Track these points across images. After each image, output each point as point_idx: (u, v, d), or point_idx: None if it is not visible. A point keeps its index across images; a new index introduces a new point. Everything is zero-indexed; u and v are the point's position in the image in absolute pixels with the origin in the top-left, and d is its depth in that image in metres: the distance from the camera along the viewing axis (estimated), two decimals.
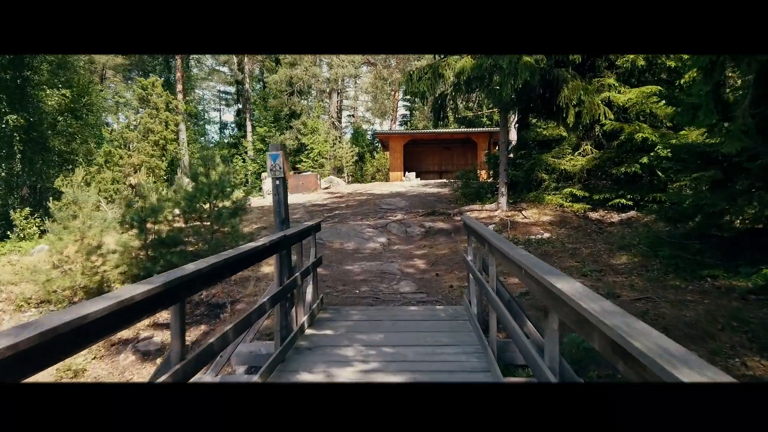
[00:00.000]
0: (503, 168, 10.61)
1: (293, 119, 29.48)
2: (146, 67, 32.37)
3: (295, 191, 18.38)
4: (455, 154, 26.03)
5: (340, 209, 13.03)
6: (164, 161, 18.05)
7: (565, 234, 8.92)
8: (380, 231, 10.37)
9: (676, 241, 7.19)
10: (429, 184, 18.02)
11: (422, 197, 13.76)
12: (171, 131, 19.24)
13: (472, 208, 10.89)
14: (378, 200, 13.84)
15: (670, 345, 1.20)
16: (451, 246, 9.06)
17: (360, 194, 15.87)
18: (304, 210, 13.26)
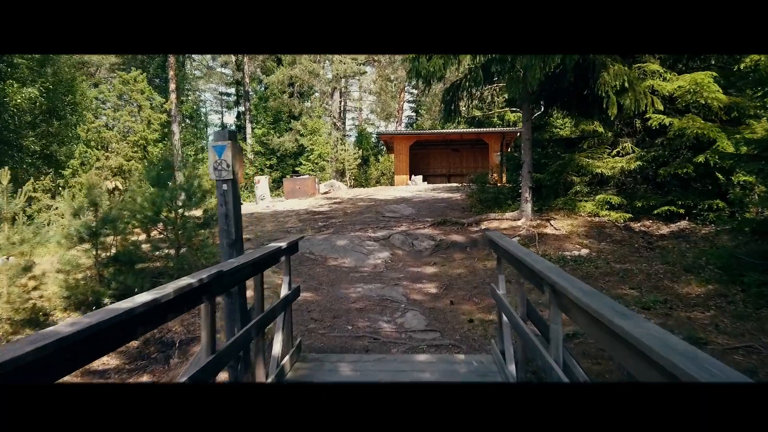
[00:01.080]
0: (527, 170, 9.02)
1: (293, 120, 28.04)
2: (143, 66, 31.12)
3: (291, 196, 16.88)
4: (464, 157, 24.45)
5: (338, 217, 11.49)
6: (145, 164, 16.65)
7: (607, 250, 7.31)
8: (382, 244, 8.81)
9: (760, 263, 5.57)
10: (438, 188, 16.45)
11: (431, 204, 12.18)
12: (154, 131, 17.75)
13: (490, 217, 9.30)
14: (381, 207, 12.28)
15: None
16: (468, 264, 7.47)
17: (361, 200, 14.33)
18: (297, 218, 11.73)
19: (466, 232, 8.98)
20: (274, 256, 3.88)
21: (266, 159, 28.74)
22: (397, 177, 21.91)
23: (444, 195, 13.84)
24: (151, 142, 17.06)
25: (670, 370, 1.15)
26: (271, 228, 10.83)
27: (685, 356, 1.17)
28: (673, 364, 1.14)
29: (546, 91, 9.69)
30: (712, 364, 1.14)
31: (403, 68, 32.08)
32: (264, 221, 11.80)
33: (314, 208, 13.39)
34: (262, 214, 13.00)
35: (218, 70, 40.31)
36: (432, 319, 5.57)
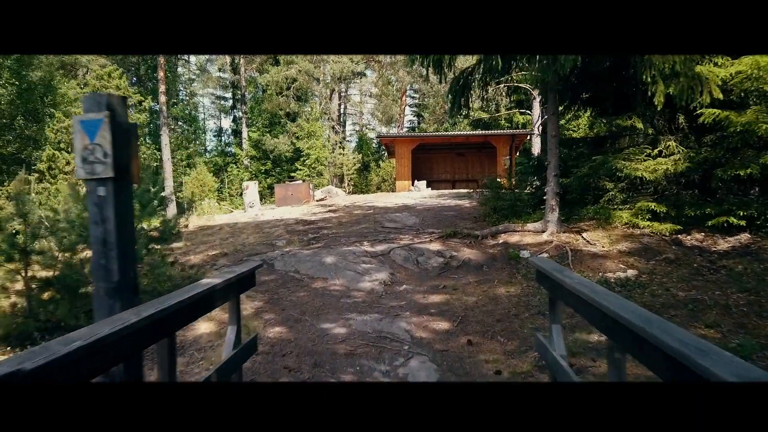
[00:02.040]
0: (552, 172, 7.60)
1: (289, 123, 26.72)
2: (136, 67, 29.93)
3: (282, 204, 15.50)
4: (470, 162, 23.07)
5: (331, 228, 10.08)
6: None
7: (661, 271, 5.87)
8: (381, 261, 7.38)
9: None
10: (443, 195, 15.04)
11: (437, 212, 10.77)
12: None
13: (508, 229, 7.87)
14: (380, 216, 10.87)
15: None
16: (486, 288, 6.04)
17: (359, 207, 12.92)
18: (285, 229, 10.31)
19: (481, 246, 7.55)
20: (205, 301, 2.46)
21: (260, 164, 27.42)
22: (398, 183, 20.52)
23: (451, 202, 12.42)
24: None
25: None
26: (253, 240, 9.41)
27: None
28: None
29: (578, 78, 8.29)
30: None
31: (404, 70, 30.84)
32: (246, 232, 10.40)
33: (306, 216, 11.98)
34: (247, 224, 11.60)
35: (215, 75, 39.16)
36: (445, 368, 4.13)
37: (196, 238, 10.38)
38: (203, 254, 8.61)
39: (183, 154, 26.82)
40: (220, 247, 9.13)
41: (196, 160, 26.91)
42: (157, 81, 23.07)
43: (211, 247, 9.17)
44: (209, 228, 11.67)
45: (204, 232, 11.21)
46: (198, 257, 8.48)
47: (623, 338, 1.78)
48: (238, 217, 13.65)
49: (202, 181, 22.76)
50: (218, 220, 13.28)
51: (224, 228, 11.29)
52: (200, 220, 13.32)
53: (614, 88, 8.00)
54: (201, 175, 22.75)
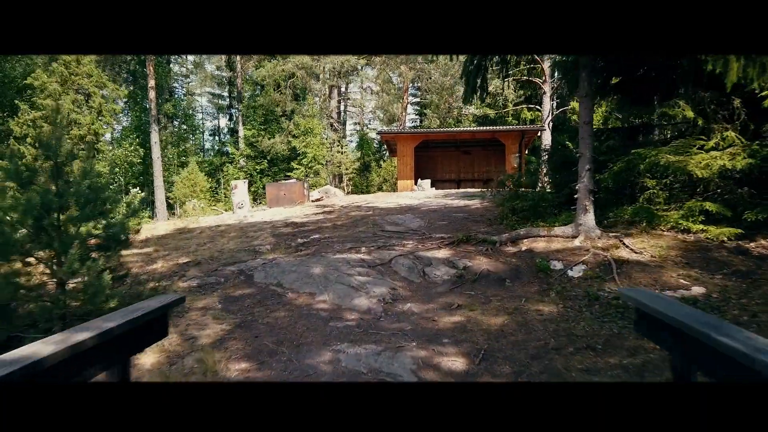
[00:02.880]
0: (585, 166, 6.36)
1: (285, 120, 25.49)
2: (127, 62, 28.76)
3: (275, 204, 14.28)
4: (476, 160, 21.82)
5: (324, 231, 8.85)
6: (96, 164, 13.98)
7: (734, 288, 4.62)
8: (380, 273, 6.15)
9: None
10: (449, 194, 13.79)
11: (444, 214, 9.52)
12: (103, 124, 14.92)
13: (531, 233, 6.62)
14: (381, 218, 9.64)
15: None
16: (511, 308, 4.80)
17: (357, 208, 11.70)
18: (271, 232, 9.08)
19: (501, 255, 6.31)
20: None
21: (256, 163, 26.21)
22: (400, 182, 19.29)
23: (459, 202, 11.17)
24: (102, 136, 14.42)
25: None
26: (233, 246, 8.19)
27: None
28: None
29: (607, 59, 7.06)
30: None
31: (406, 65, 29.63)
32: (228, 236, 9.18)
33: (297, 218, 10.75)
34: (231, 226, 10.38)
35: (210, 71, 38.01)
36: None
37: (170, 243, 9.17)
38: (173, 262, 7.39)
39: (174, 152, 25.60)
40: (194, 253, 7.90)
41: (190, 159, 25.69)
42: (146, 76, 21.89)
43: (185, 253, 7.94)
44: (190, 231, 10.46)
45: (182, 235, 10.00)
46: (167, 265, 7.25)
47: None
48: (225, 218, 12.44)
49: (194, 180, 21.56)
50: (203, 222, 12.07)
51: (205, 231, 10.08)
52: (182, 222, 12.11)
53: (654, 69, 6.76)
54: (192, 174, 21.55)
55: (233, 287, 6.20)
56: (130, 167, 24.23)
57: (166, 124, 26.54)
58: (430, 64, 28.56)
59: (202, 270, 6.92)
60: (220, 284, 6.34)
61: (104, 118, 14.52)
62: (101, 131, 13.78)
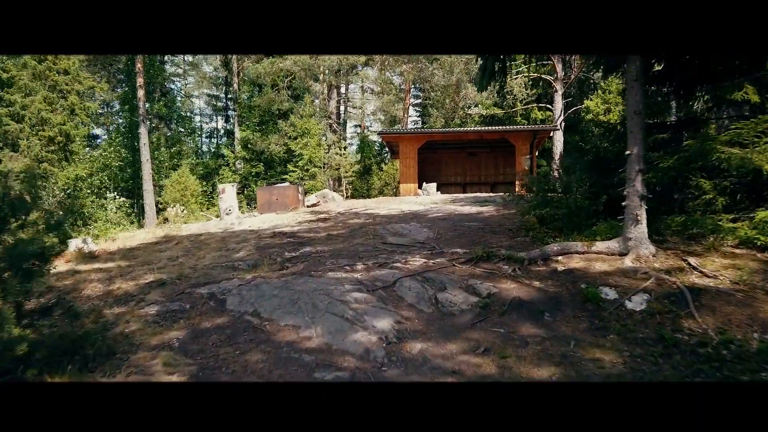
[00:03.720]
0: (636, 167, 5.13)
1: (281, 121, 24.32)
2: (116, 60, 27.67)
3: (266, 210, 13.08)
4: (483, 162, 20.61)
5: (316, 242, 7.63)
6: (67, 167, 12.66)
7: None
8: (382, 299, 4.94)
9: None
10: (458, 199, 12.57)
11: (455, 222, 8.30)
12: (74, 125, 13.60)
13: (568, 249, 5.40)
14: (382, 226, 8.42)
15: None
16: (556, 352, 3.56)
17: (356, 215, 10.49)
18: (256, 243, 7.87)
19: (532, 276, 5.08)
20: None
21: (252, 166, 25.03)
22: (402, 186, 18.07)
23: (470, 209, 9.94)
24: (75, 138, 13.14)
25: None
26: (209, 261, 6.98)
27: None
28: None
29: None
30: None
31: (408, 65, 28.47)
32: (207, 248, 7.97)
33: (288, 226, 9.55)
34: (213, 236, 9.18)
35: (205, 70, 36.99)
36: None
37: (140, 256, 7.97)
38: (134, 282, 6.18)
39: (167, 154, 24.41)
40: (162, 270, 6.69)
41: (183, 162, 24.51)
42: (135, 73, 20.75)
43: (152, 270, 6.73)
44: (167, 241, 9.27)
45: (157, 246, 8.80)
46: (126, 286, 6.05)
47: None
48: (210, 226, 11.23)
49: (184, 184, 20.37)
50: (185, 230, 10.87)
51: (183, 242, 8.87)
52: (162, 231, 10.92)
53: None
54: (183, 177, 20.37)
55: (200, 316, 4.99)
56: (120, 171, 23.09)
57: (158, 125, 25.40)
58: (433, 63, 27.45)
59: (167, 292, 5.71)
60: (184, 312, 5.13)
61: (78, 117, 13.32)
62: (74, 132, 12.56)
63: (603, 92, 19.19)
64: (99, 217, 13.63)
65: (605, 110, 18.67)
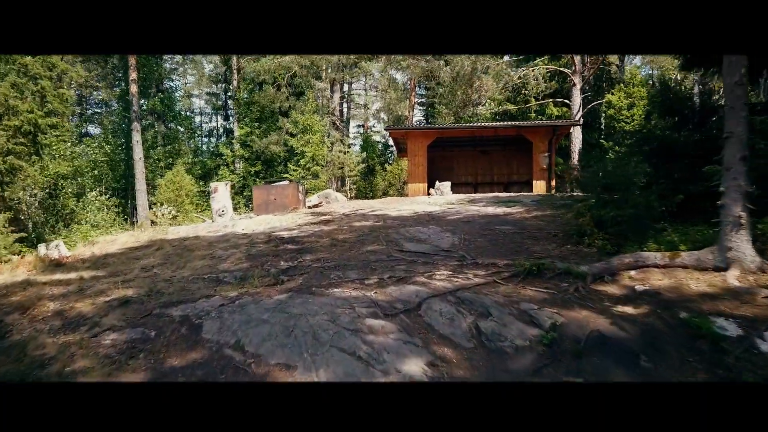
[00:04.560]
0: (737, 153, 3.91)
1: (282, 118, 23.13)
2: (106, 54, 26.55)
3: (263, 211, 11.89)
4: (495, 160, 19.38)
5: (318, 250, 6.43)
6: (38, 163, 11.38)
7: None
8: (403, 327, 3.74)
9: None
10: (476, 199, 11.34)
11: (482, 225, 7.09)
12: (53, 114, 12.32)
13: (643, 260, 4.19)
14: (395, 230, 7.22)
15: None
16: None
17: (363, 217, 9.29)
18: (247, 250, 6.68)
19: (602, 297, 3.87)
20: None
21: (250, 165, 23.85)
22: (411, 185, 16.88)
23: (495, 209, 8.72)
24: (43, 128, 11.92)
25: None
26: (189, 272, 5.79)
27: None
28: None
29: None
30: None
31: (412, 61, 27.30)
32: (191, 255, 6.79)
33: (287, 230, 8.35)
34: (201, 240, 7.99)
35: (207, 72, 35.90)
36: None
37: (113, 265, 6.79)
38: (94, 300, 4.99)
39: (161, 153, 23.24)
40: (132, 283, 5.50)
41: (179, 161, 23.34)
42: (127, 67, 19.63)
43: (121, 282, 5.54)
44: (147, 246, 8.09)
45: (136, 253, 7.63)
46: (83, 305, 4.86)
47: None
48: (200, 229, 10.05)
49: (179, 184, 19.21)
50: (171, 233, 9.70)
51: (165, 247, 7.69)
52: (146, 234, 9.75)
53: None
54: (177, 177, 19.20)
55: (166, 349, 3.80)
56: (111, 170, 21.96)
57: (153, 122, 24.26)
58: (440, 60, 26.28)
59: (130, 314, 4.52)
60: (147, 342, 3.94)
61: (51, 104, 12.15)
62: (42, 121, 11.38)
63: (626, 85, 17.95)
64: (82, 219, 12.49)
65: (629, 105, 17.45)
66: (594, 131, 20.98)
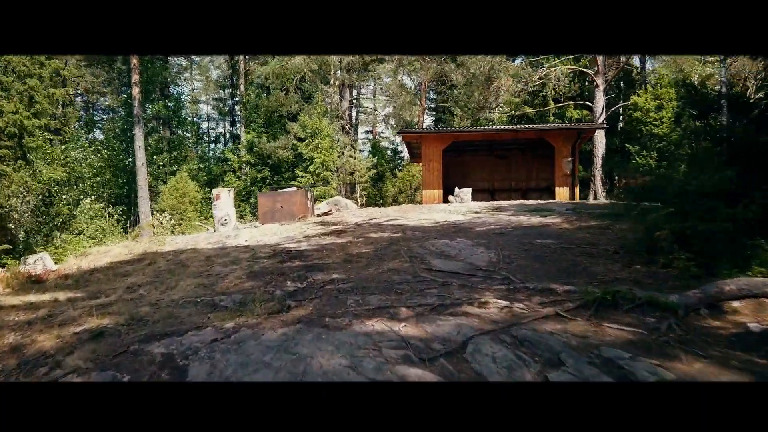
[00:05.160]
0: None
1: (290, 122, 22.38)
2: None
3: (269, 220, 11.07)
4: (513, 165, 18.46)
5: (330, 267, 5.55)
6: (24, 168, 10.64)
7: None
8: (445, 376, 2.79)
9: None
10: (500, 208, 10.41)
11: (519, 238, 6.17)
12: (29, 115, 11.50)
13: (753, 287, 3.24)
14: (417, 243, 6.33)
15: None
16: None
17: (378, 227, 8.42)
18: (249, 267, 5.81)
19: (706, 340, 2.94)
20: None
21: (257, 171, 23.11)
22: (425, 192, 15.99)
23: (530, 219, 7.79)
24: (31, 130, 11.18)
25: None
26: (180, 294, 4.93)
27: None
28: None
29: None
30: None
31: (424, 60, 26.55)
32: (185, 272, 5.94)
33: (294, 241, 7.49)
34: (199, 253, 7.16)
35: (209, 68, 35.46)
36: None
37: (95, 283, 5.97)
38: (61, 331, 4.13)
39: (166, 158, 22.59)
40: (111, 308, 4.65)
41: (183, 166, 22.66)
42: (130, 69, 19.02)
43: (99, 308, 4.69)
44: (140, 260, 7.28)
45: (124, 268, 6.81)
46: (44, 338, 4.00)
47: None
48: (200, 239, 9.24)
49: (183, 190, 18.49)
50: (169, 244, 8.90)
51: (158, 261, 6.87)
52: (141, 246, 8.95)
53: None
54: (181, 183, 18.49)
55: None
56: (114, 175, 21.33)
57: (157, 126, 23.65)
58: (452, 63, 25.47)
59: (102, 351, 3.65)
60: None
61: (39, 104, 11.45)
62: (29, 123, 10.67)
63: (654, 86, 16.98)
64: (77, 228, 11.75)
65: (656, 107, 16.46)
66: (614, 135, 19.99)
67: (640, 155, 16.47)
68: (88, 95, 32.82)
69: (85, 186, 18.38)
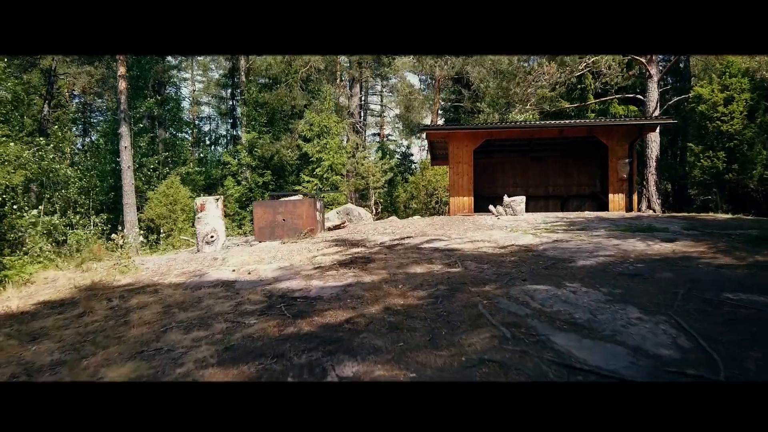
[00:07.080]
0: None
1: (294, 120, 20.10)
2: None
3: (267, 236, 8.73)
4: (550, 169, 16.07)
5: (364, 342, 3.17)
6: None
7: None
8: None
9: None
10: (574, 223, 8.00)
11: (678, 285, 3.80)
12: None
13: None
14: (498, 289, 3.97)
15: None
16: None
17: (418, 252, 6.04)
18: (222, 330, 3.43)
19: None
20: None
21: (258, 175, 20.82)
22: (453, 200, 13.62)
23: (647, 244, 5.37)
24: None
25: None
26: None
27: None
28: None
29: None
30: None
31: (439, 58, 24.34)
32: (123, 337, 3.58)
33: (300, 278, 5.13)
34: (159, 295, 4.81)
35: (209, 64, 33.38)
36: None
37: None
38: None
39: (156, 161, 20.32)
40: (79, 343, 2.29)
41: (175, 170, 20.41)
42: (116, 60, 16.83)
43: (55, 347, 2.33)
44: (77, 302, 4.96)
45: (42, 320, 4.48)
46: None
47: None
48: (174, 266, 6.92)
49: (173, 197, 16.22)
50: (133, 271, 6.61)
51: (96, 309, 4.54)
52: (89, 275, 6.65)
53: None
54: (171, 189, 16.22)
55: None
56: (100, 180, 19.11)
57: (147, 126, 21.44)
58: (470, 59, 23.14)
59: None
60: None
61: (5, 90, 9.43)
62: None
63: (720, 76, 14.54)
64: (34, 243, 9.53)
65: (726, 99, 14.04)
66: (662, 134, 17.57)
67: (705, 156, 14.07)
68: (85, 96, 30.81)
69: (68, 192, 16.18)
